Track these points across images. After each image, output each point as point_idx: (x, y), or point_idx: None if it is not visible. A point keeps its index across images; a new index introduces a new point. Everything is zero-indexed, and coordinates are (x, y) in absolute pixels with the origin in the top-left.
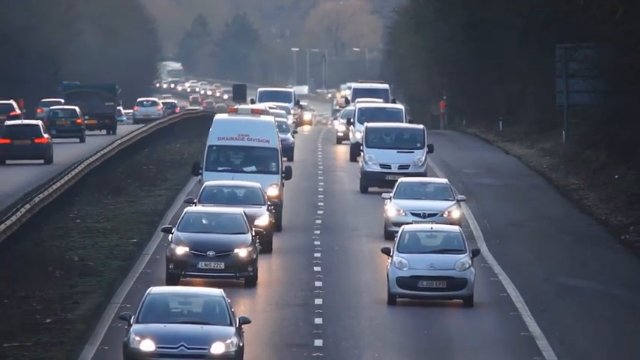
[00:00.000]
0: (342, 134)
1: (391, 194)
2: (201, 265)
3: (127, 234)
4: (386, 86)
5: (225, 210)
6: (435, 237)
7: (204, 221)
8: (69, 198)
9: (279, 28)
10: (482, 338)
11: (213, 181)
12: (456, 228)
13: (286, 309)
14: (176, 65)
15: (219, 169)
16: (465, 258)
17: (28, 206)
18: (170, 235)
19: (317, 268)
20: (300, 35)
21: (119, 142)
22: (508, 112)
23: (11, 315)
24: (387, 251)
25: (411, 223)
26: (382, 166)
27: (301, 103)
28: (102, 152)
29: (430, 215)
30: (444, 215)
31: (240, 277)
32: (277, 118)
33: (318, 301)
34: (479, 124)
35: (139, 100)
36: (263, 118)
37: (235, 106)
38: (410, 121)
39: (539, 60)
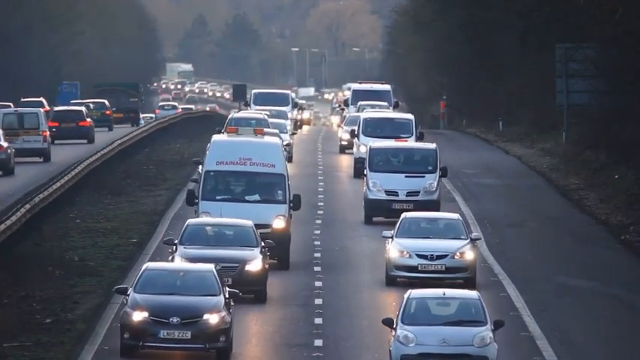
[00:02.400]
0: (345, 142)
1: (393, 232)
2: (163, 334)
3: (127, 234)
4: (388, 87)
5: (193, 267)
6: (449, 305)
7: (166, 280)
8: (69, 198)
9: (279, 28)
10: None
11: (198, 217)
12: (474, 294)
13: (286, 309)
14: (187, 66)
15: (218, 198)
16: (485, 331)
17: (28, 206)
18: (125, 297)
19: (317, 268)
20: (300, 35)
21: (119, 142)
22: (508, 112)
23: (11, 315)
24: (389, 322)
25: (416, 267)
26: (388, 192)
27: (299, 101)
28: (102, 152)
29: (439, 257)
30: (456, 257)
31: (210, 348)
32: (270, 130)
33: (318, 301)
34: (479, 124)
35: (160, 104)
36: (267, 139)
37: (237, 109)
38: (420, 134)
39: (539, 60)
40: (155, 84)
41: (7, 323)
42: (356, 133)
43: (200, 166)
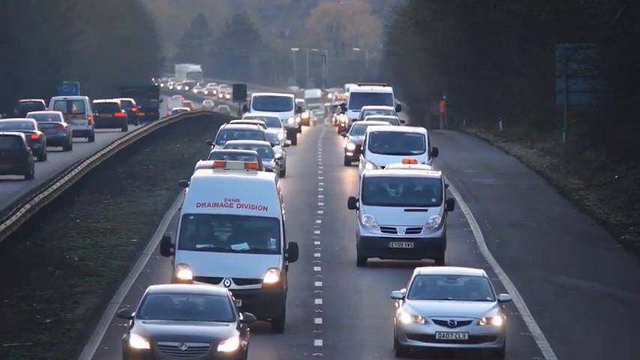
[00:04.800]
0: (351, 154)
1: (404, 292)
2: None
3: (127, 234)
4: (389, 90)
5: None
6: None
7: None
8: (69, 198)
9: (279, 28)
10: None
11: (160, 285)
12: None
13: (286, 309)
14: (195, 67)
15: (199, 247)
16: None
17: (28, 206)
18: None
19: (317, 268)
20: (300, 35)
21: (119, 142)
22: (508, 112)
23: (11, 315)
24: None
25: (434, 336)
26: (385, 229)
27: (298, 102)
28: (102, 152)
29: (461, 324)
30: (481, 323)
31: None
32: (260, 142)
33: (318, 301)
34: (479, 124)
35: (174, 109)
36: (260, 175)
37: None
38: (434, 150)
39: (539, 60)
40: (162, 85)
41: (7, 323)
42: (362, 148)
43: (187, 189)
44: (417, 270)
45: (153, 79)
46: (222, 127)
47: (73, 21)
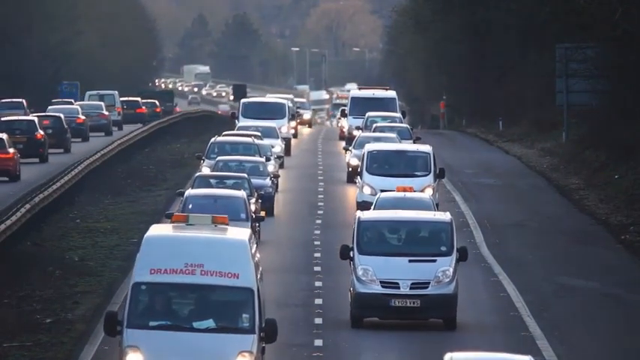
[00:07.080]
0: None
1: None
2: None
3: (127, 234)
4: (393, 94)
5: None
6: None
7: None
8: (69, 198)
9: (279, 28)
10: (482, 338)
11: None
12: None
13: (286, 309)
14: (204, 69)
15: (152, 324)
16: None
17: (28, 206)
18: None
19: (317, 268)
20: (300, 35)
21: (119, 142)
22: (508, 112)
23: (11, 315)
24: None
25: None
26: (385, 284)
27: (298, 102)
28: (102, 152)
29: None
30: None
31: None
32: (253, 158)
33: (318, 301)
34: (479, 124)
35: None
36: (230, 233)
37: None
38: (441, 171)
39: (539, 60)
40: (171, 86)
41: (7, 323)
42: (359, 169)
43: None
44: (449, 356)
45: (162, 80)
46: (212, 139)
47: (73, 21)
